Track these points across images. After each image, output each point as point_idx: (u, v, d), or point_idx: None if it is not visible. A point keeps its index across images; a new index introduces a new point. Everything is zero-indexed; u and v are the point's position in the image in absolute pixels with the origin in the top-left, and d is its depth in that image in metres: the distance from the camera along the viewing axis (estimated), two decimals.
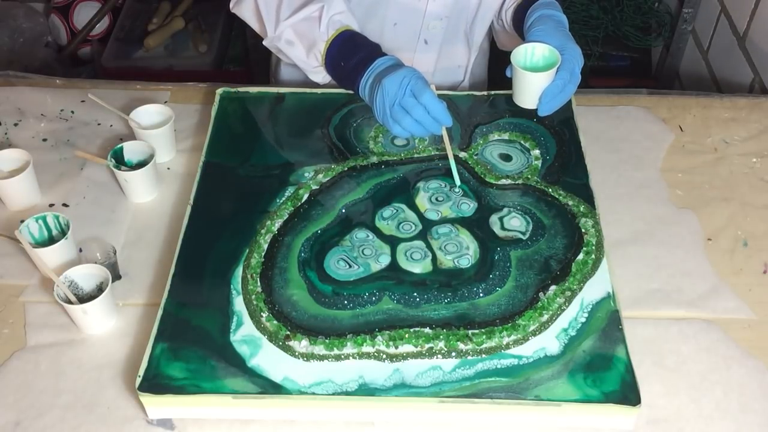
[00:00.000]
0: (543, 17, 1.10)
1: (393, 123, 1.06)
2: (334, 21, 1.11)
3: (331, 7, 1.10)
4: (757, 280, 1.02)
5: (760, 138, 1.22)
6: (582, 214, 1.03)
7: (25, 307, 0.99)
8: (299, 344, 0.88)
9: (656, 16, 2.08)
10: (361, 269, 0.97)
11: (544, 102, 1.05)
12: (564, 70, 1.04)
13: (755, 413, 0.88)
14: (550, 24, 1.09)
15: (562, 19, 1.12)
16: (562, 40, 1.06)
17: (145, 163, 1.11)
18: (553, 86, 1.04)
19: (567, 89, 1.05)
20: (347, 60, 1.10)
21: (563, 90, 1.05)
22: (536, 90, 1.05)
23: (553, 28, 1.08)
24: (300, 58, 1.15)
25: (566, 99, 1.06)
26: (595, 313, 0.91)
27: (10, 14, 2.28)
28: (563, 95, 1.05)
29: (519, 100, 1.08)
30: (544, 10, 1.12)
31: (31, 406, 0.88)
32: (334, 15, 1.11)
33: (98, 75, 2.27)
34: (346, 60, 1.10)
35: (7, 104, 1.29)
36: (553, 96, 1.04)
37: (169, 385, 0.85)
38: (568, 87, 1.05)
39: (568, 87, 1.05)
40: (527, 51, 1.07)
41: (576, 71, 1.06)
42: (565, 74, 1.04)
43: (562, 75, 1.04)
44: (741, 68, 1.58)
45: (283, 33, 1.14)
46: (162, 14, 2.36)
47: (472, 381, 0.85)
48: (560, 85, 1.04)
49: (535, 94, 1.05)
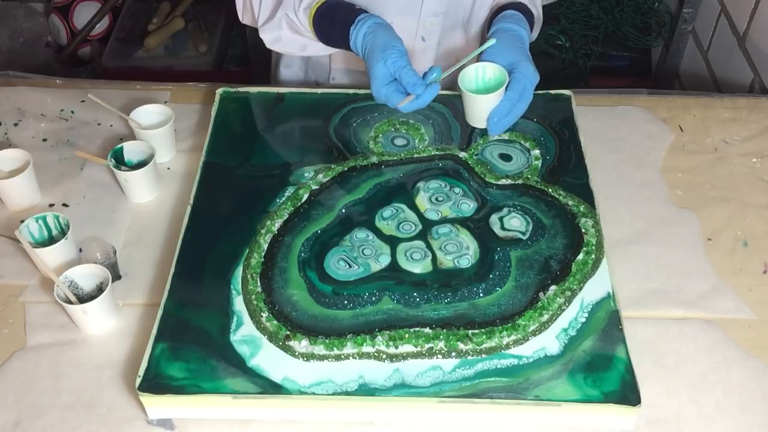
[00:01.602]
0: (500, 32, 1.09)
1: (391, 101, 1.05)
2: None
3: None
4: (757, 280, 1.02)
5: (760, 138, 1.22)
6: (582, 214, 1.03)
7: (25, 307, 0.99)
8: (299, 344, 0.88)
9: (656, 16, 2.08)
10: (361, 269, 0.97)
11: (492, 123, 1.03)
12: (512, 90, 1.03)
13: (755, 413, 0.88)
14: (505, 40, 1.08)
15: (521, 34, 1.10)
16: (514, 58, 1.05)
17: (145, 163, 1.11)
18: (501, 107, 1.03)
19: (516, 108, 1.04)
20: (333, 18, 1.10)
21: (511, 110, 1.03)
22: (484, 110, 1.04)
23: (508, 45, 1.07)
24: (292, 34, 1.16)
25: (516, 118, 1.05)
26: (595, 313, 0.91)
27: (10, 14, 2.28)
28: (512, 115, 1.04)
29: (469, 119, 1.07)
30: (504, 24, 1.11)
31: (31, 406, 0.88)
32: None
33: (98, 75, 2.27)
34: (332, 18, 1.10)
35: (7, 104, 1.29)
36: (501, 117, 1.03)
37: (169, 385, 0.85)
38: (518, 106, 1.04)
39: (517, 106, 1.04)
40: (477, 71, 1.06)
41: (528, 89, 1.04)
42: (513, 95, 1.03)
43: (510, 96, 1.03)
44: (741, 68, 1.58)
45: (279, 20, 1.15)
46: (162, 14, 2.36)
47: (472, 381, 0.85)
48: (507, 106, 1.03)
49: (484, 114, 1.04)
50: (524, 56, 1.07)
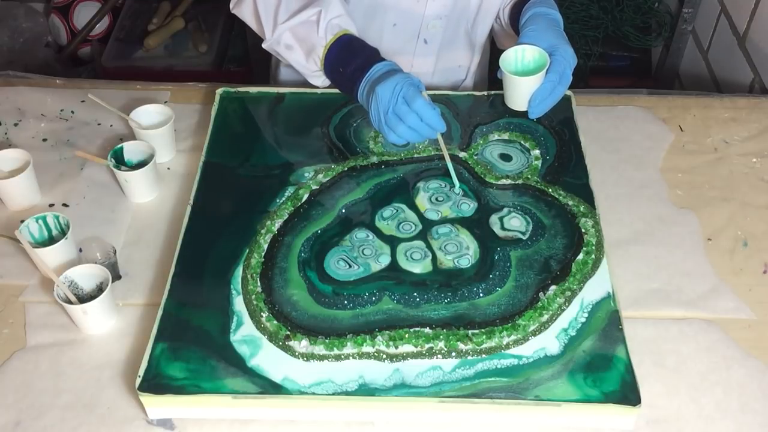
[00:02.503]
0: (536, 16, 1.10)
1: (388, 130, 1.05)
2: (333, 25, 1.10)
3: (329, 11, 1.10)
4: (757, 280, 1.02)
5: (760, 138, 1.22)
6: (582, 214, 1.03)
7: (25, 307, 0.99)
8: (299, 344, 0.88)
9: (656, 16, 2.08)
10: (361, 269, 0.97)
11: (533, 105, 1.06)
12: (553, 72, 1.04)
13: (755, 413, 0.88)
14: (542, 23, 1.09)
15: (556, 17, 1.12)
16: (553, 41, 1.06)
17: (145, 163, 1.11)
18: (542, 89, 1.04)
19: (556, 91, 1.06)
20: (345, 66, 1.09)
21: (552, 92, 1.05)
22: (525, 93, 1.06)
23: (546, 28, 1.08)
24: (299, 63, 1.14)
25: (556, 100, 1.07)
26: (595, 313, 0.91)
27: (10, 14, 2.28)
28: (552, 97, 1.06)
29: (510, 102, 1.09)
30: (538, 8, 1.11)
31: (31, 406, 0.88)
32: (332, 19, 1.10)
33: (98, 75, 2.27)
34: (345, 66, 1.09)
35: (7, 104, 1.29)
36: (542, 99, 1.05)
37: (169, 385, 0.85)
38: (558, 89, 1.06)
39: (557, 89, 1.05)
40: (517, 54, 1.07)
41: (567, 72, 1.06)
42: (554, 76, 1.04)
43: (551, 77, 1.04)
44: (741, 68, 1.58)
45: (282, 36, 1.13)
46: (162, 14, 2.36)
47: (472, 381, 0.85)
48: (549, 88, 1.04)
49: (525, 96, 1.06)
50: (562, 39, 1.08)
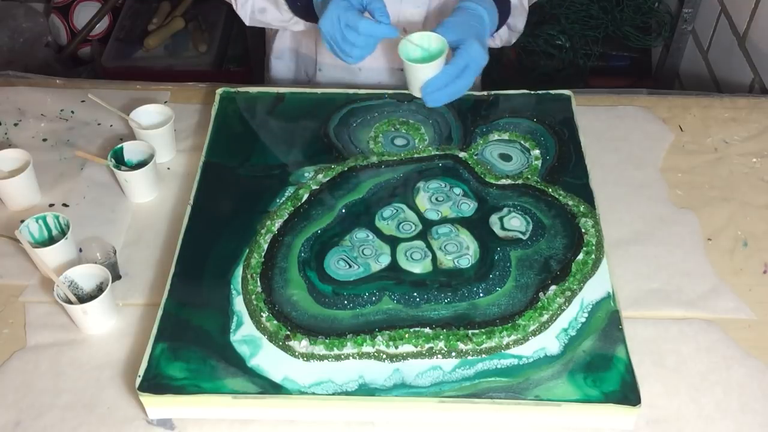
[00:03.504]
0: (460, 9, 1.07)
1: (346, 56, 1.03)
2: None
3: None
4: (757, 280, 1.02)
5: (760, 138, 1.22)
6: (582, 214, 1.03)
7: (25, 307, 0.99)
8: (299, 344, 0.88)
9: (656, 16, 2.08)
10: (361, 269, 0.97)
11: (426, 92, 1.02)
12: (452, 66, 1.01)
13: (755, 413, 0.88)
14: (462, 17, 1.05)
15: (481, 14, 1.07)
16: (462, 36, 1.03)
17: (145, 163, 1.11)
18: (436, 79, 1.01)
19: (456, 85, 1.01)
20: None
21: (449, 85, 1.01)
22: (419, 79, 1.02)
23: (462, 23, 1.05)
24: (277, 19, 1.17)
25: (455, 94, 1.03)
26: (595, 313, 0.91)
27: (10, 14, 2.28)
28: (450, 90, 1.02)
29: (409, 87, 1.06)
30: (468, 3, 1.08)
31: (31, 406, 0.88)
32: None
33: (98, 75, 2.27)
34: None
35: (7, 104, 1.29)
36: (437, 88, 1.01)
37: (169, 385, 0.85)
38: (458, 83, 1.01)
39: (457, 83, 1.01)
40: (423, 40, 1.04)
41: (471, 68, 1.02)
42: (452, 69, 1.01)
43: (449, 70, 1.01)
44: (741, 68, 1.58)
45: (254, 4, 1.17)
46: (162, 14, 2.36)
47: (472, 381, 0.85)
48: (444, 79, 1.01)
49: (418, 83, 1.03)
50: (473, 35, 1.03)
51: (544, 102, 1.20)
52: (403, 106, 1.20)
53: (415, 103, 1.20)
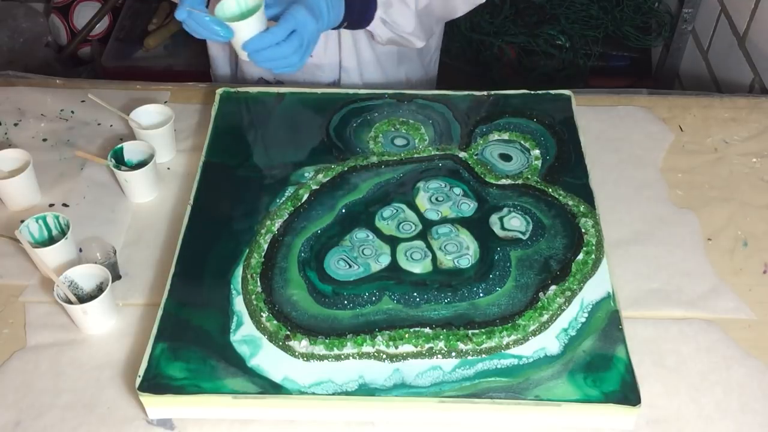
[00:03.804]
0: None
1: None
2: None
3: None
4: (757, 280, 1.02)
5: (760, 138, 1.22)
6: (582, 214, 1.03)
7: (25, 307, 0.99)
8: (299, 344, 0.88)
9: (656, 16, 2.08)
10: (361, 269, 0.97)
11: (250, 51, 1.01)
12: (279, 27, 0.99)
13: (755, 413, 0.88)
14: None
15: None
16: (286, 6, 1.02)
17: (145, 163, 1.11)
18: (257, 38, 0.99)
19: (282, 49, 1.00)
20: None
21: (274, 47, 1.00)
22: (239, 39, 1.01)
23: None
24: None
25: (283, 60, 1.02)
26: (595, 313, 0.91)
27: (10, 14, 2.28)
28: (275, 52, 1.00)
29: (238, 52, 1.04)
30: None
31: (31, 406, 0.89)
32: None
33: (98, 75, 2.27)
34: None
35: (7, 104, 1.29)
36: (261, 47, 1.00)
37: (169, 385, 0.85)
38: (284, 46, 1.00)
39: (283, 46, 1.00)
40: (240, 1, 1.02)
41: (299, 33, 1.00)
42: (277, 30, 0.99)
43: (275, 31, 0.99)
44: (741, 68, 1.58)
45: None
46: (162, 14, 2.36)
47: (472, 381, 0.85)
48: (268, 38, 0.99)
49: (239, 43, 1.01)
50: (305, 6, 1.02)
51: (544, 102, 1.20)
52: (403, 106, 1.20)
53: (415, 103, 1.20)
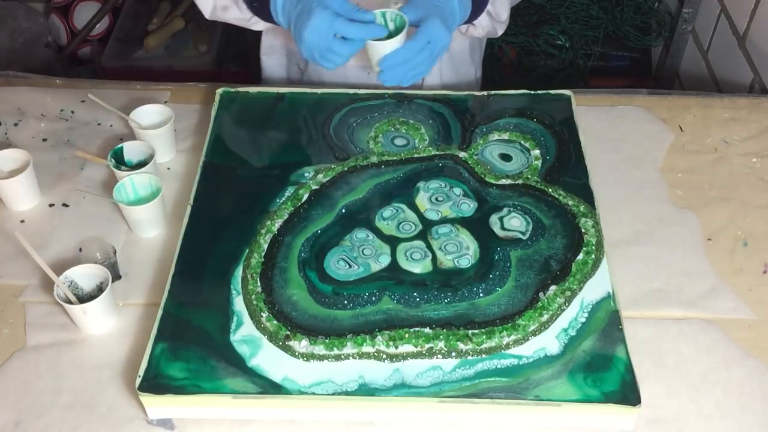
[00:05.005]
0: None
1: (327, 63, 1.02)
2: None
3: None
4: (757, 280, 1.02)
5: (760, 138, 1.22)
6: (582, 214, 1.03)
7: (25, 307, 0.99)
8: (299, 344, 0.88)
9: (656, 16, 2.08)
10: (361, 269, 0.97)
11: (383, 67, 1.01)
12: (413, 41, 0.99)
13: (755, 413, 0.88)
14: None
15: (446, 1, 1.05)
16: (425, 14, 1.01)
17: (145, 163, 1.11)
18: (395, 53, 0.99)
19: (415, 60, 1.00)
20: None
21: (408, 60, 1.00)
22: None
23: (426, 3, 1.03)
24: (237, 18, 1.18)
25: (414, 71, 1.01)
26: (595, 313, 0.91)
27: (10, 14, 2.28)
28: (409, 66, 1.00)
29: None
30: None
31: (31, 406, 0.89)
32: None
33: (98, 75, 2.27)
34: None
35: (7, 104, 1.29)
36: (396, 63, 0.99)
37: (169, 385, 0.85)
38: (417, 59, 1.00)
39: (416, 58, 1.00)
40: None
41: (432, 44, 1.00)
42: (412, 45, 0.99)
43: (409, 45, 0.99)
44: (741, 68, 1.58)
45: (217, 2, 1.18)
46: (162, 14, 2.36)
47: (472, 381, 0.85)
48: (404, 54, 0.99)
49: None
50: (437, 14, 1.02)
51: (544, 102, 1.20)
52: (403, 106, 1.20)
53: (415, 103, 1.20)
